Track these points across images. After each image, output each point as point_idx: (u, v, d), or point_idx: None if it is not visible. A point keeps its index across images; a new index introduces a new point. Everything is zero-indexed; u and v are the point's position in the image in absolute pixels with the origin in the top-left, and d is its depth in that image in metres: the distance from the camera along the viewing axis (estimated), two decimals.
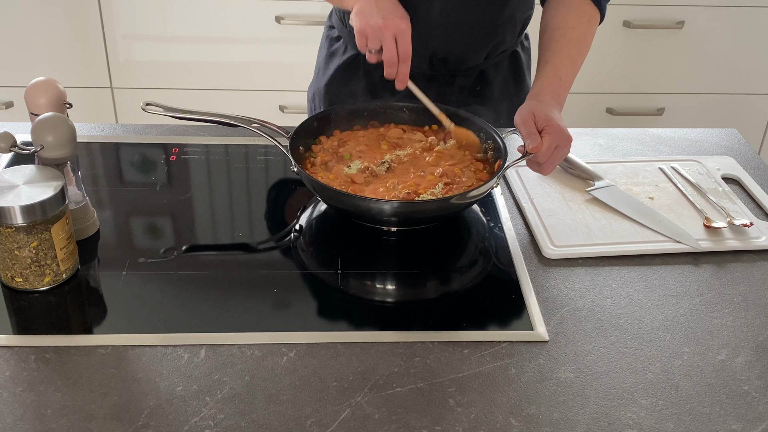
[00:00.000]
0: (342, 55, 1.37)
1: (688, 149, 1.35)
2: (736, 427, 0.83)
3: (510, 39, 1.35)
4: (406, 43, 1.11)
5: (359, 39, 1.12)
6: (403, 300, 1.03)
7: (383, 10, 1.11)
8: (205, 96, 2.44)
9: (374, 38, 1.11)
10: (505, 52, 1.36)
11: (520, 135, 1.10)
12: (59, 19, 2.31)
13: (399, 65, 1.12)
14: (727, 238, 1.11)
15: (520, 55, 1.40)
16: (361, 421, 0.82)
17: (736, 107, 2.54)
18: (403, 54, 1.12)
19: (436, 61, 1.31)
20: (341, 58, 1.37)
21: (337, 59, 1.38)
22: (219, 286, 1.00)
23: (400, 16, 1.12)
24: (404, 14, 1.12)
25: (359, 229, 1.10)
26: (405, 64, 1.12)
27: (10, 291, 0.97)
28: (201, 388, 0.85)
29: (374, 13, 1.10)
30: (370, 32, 1.10)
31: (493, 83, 1.37)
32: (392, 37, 1.10)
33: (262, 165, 1.25)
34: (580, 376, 0.89)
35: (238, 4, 2.31)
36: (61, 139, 0.97)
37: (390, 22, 1.10)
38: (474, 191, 1.04)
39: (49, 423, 0.80)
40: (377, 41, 1.11)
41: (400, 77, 1.14)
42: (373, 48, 1.12)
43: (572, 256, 1.07)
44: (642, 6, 2.36)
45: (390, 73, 1.13)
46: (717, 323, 0.97)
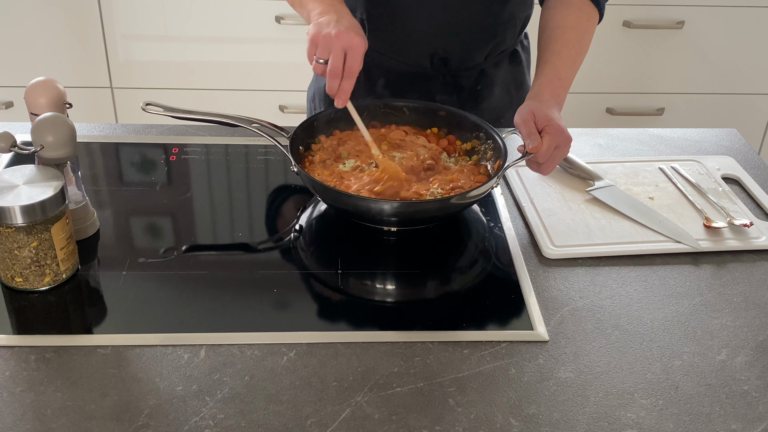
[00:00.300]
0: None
1: (688, 149, 1.35)
2: (736, 427, 0.83)
3: (510, 38, 1.35)
4: (355, 58, 1.06)
5: (309, 47, 1.08)
6: (403, 300, 1.03)
7: (340, 24, 1.07)
8: (205, 96, 2.44)
9: (324, 48, 1.06)
10: (505, 51, 1.36)
11: (520, 135, 1.10)
12: (59, 19, 2.31)
13: (342, 80, 1.07)
14: (727, 238, 1.11)
15: (520, 54, 1.40)
16: (361, 421, 0.82)
17: (736, 107, 2.54)
18: (349, 70, 1.06)
19: (437, 60, 1.31)
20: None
21: None
22: (219, 286, 1.00)
23: (357, 33, 1.07)
24: (361, 35, 1.08)
25: (359, 229, 1.10)
26: (349, 80, 1.07)
27: (10, 291, 0.97)
28: (201, 388, 0.85)
29: (331, 25, 1.07)
30: (321, 41, 1.06)
31: (494, 82, 1.37)
32: (342, 50, 1.05)
33: (262, 165, 1.25)
34: (580, 376, 0.89)
35: (238, 4, 2.31)
36: (61, 139, 0.97)
37: (343, 35, 1.05)
38: (474, 191, 1.04)
39: (49, 423, 0.80)
40: (326, 51, 1.06)
41: (340, 93, 1.08)
42: (321, 57, 1.06)
43: (572, 256, 1.07)
44: (642, 6, 2.36)
45: (332, 86, 1.07)
46: (717, 323, 0.97)
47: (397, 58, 1.32)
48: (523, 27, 1.38)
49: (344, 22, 1.08)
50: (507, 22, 1.31)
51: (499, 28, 1.30)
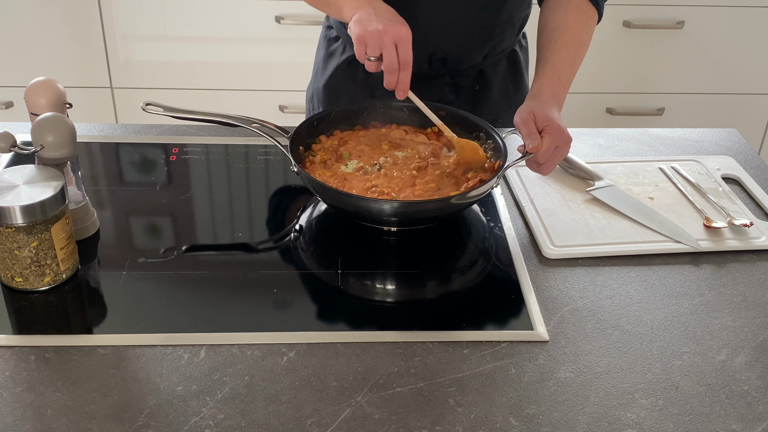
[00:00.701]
0: (340, 55, 1.37)
1: (688, 149, 1.35)
2: (736, 427, 0.83)
3: (508, 38, 1.35)
4: (407, 49, 1.07)
5: (358, 47, 1.08)
6: (403, 300, 1.03)
7: (382, 17, 1.08)
8: (205, 96, 2.44)
9: (374, 45, 1.07)
10: (504, 51, 1.36)
11: (520, 135, 1.10)
12: (59, 19, 2.31)
13: (399, 73, 1.08)
14: (727, 238, 1.11)
15: (519, 55, 1.40)
16: (361, 421, 0.82)
17: (736, 107, 2.54)
18: (404, 61, 1.07)
19: (435, 60, 1.31)
20: (339, 58, 1.37)
21: (336, 59, 1.38)
22: (219, 286, 1.00)
23: (401, 22, 1.08)
24: (404, 21, 1.09)
25: (359, 229, 1.10)
26: (405, 71, 1.08)
27: (10, 291, 0.97)
28: (201, 388, 0.85)
29: (373, 20, 1.07)
30: (370, 39, 1.06)
31: (492, 83, 1.37)
32: (392, 44, 1.06)
33: (262, 165, 1.25)
34: (580, 376, 0.89)
35: (238, 4, 2.31)
36: (61, 139, 0.97)
37: (390, 28, 1.06)
38: (474, 191, 1.04)
39: (49, 423, 0.80)
40: (377, 48, 1.07)
41: (400, 86, 1.09)
42: (372, 55, 1.07)
43: (572, 256, 1.07)
44: (642, 6, 2.36)
45: (390, 81, 1.08)
46: (717, 323, 0.97)
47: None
48: (521, 27, 1.38)
49: (384, 14, 1.08)
50: (505, 23, 1.30)
51: (497, 29, 1.30)
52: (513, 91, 1.41)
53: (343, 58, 1.36)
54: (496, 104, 1.38)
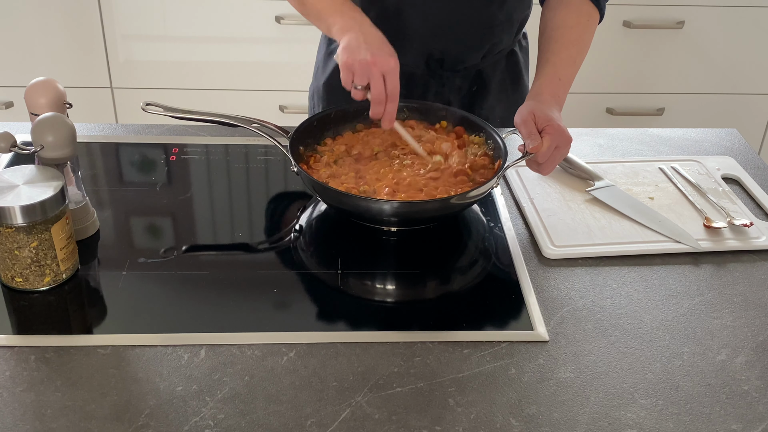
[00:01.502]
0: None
1: (688, 149, 1.35)
2: (736, 427, 0.83)
3: (507, 39, 1.35)
4: (394, 81, 1.07)
5: (345, 74, 1.08)
6: (403, 300, 1.03)
7: (372, 46, 1.07)
8: (205, 96, 2.44)
9: (361, 74, 1.06)
10: (503, 51, 1.36)
11: (520, 135, 1.10)
12: (59, 19, 2.31)
13: (387, 104, 1.07)
14: (727, 238, 1.11)
15: (518, 55, 1.40)
16: (361, 421, 0.82)
17: (736, 107, 2.54)
18: (391, 93, 1.07)
19: (433, 61, 1.31)
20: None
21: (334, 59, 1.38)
22: (219, 286, 1.00)
23: (389, 53, 1.07)
24: (393, 51, 1.08)
25: (359, 229, 1.10)
26: (392, 103, 1.07)
27: (10, 291, 0.97)
28: (201, 388, 0.85)
29: (362, 49, 1.06)
30: (358, 68, 1.06)
31: (491, 83, 1.37)
32: (380, 75, 1.05)
33: (262, 165, 1.25)
34: (580, 376, 0.89)
35: (238, 4, 2.31)
36: (61, 139, 0.97)
37: (379, 59, 1.05)
38: (474, 191, 1.04)
39: (49, 423, 0.80)
40: (365, 78, 1.06)
41: (386, 116, 1.08)
42: (359, 84, 1.07)
43: (572, 256, 1.07)
44: (642, 6, 2.36)
45: (377, 112, 1.08)
46: (717, 323, 0.97)
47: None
48: (521, 28, 1.38)
49: (373, 41, 1.08)
50: (503, 23, 1.30)
51: (495, 29, 1.30)
52: (511, 91, 1.40)
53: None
54: (494, 105, 1.38)
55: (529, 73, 1.44)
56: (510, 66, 1.39)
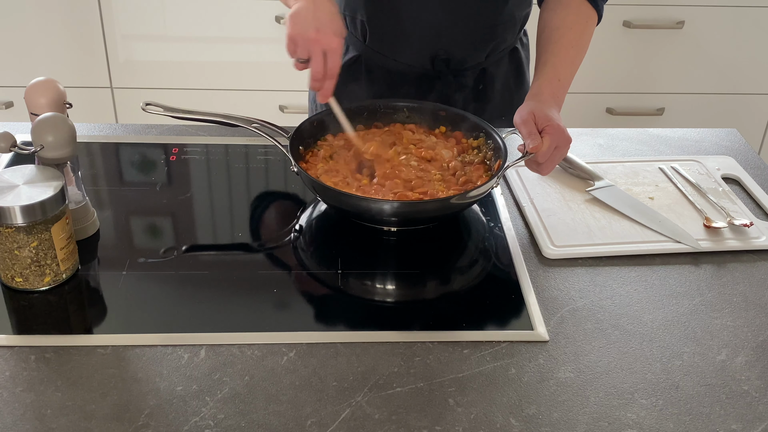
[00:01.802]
0: (344, 55, 1.37)
1: (688, 149, 1.35)
2: (736, 427, 0.83)
3: (510, 37, 1.35)
4: (335, 60, 1.07)
5: (289, 44, 1.08)
6: (403, 300, 1.03)
7: (318, 21, 1.06)
8: (205, 96, 2.44)
9: (303, 49, 1.07)
10: (506, 49, 1.37)
11: (520, 135, 1.10)
12: (59, 20, 2.31)
13: (325, 81, 1.08)
14: (727, 238, 1.11)
15: (520, 52, 1.40)
16: (361, 421, 0.82)
17: (736, 107, 2.54)
18: (330, 71, 1.08)
19: (438, 61, 1.31)
20: (343, 58, 1.37)
21: None
22: (219, 286, 1.00)
23: (334, 31, 1.07)
24: (339, 30, 1.08)
25: (359, 229, 1.10)
26: (331, 80, 1.08)
27: (10, 291, 0.97)
28: (201, 388, 0.85)
29: (309, 23, 1.06)
30: (300, 42, 1.06)
31: (495, 81, 1.37)
32: (321, 52, 1.06)
33: (262, 165, 1.25)
34: (580, 376, 0.89)
35: (238, 4, 2.31)
36: (61, 139, 0.97)
37: (322, 37, 1.05)
38: (474, 191, 1.04)
39: (49, 423, 0.80)
40: (306, 53, 1.07)
41: (323, 92, 1.10)
42: (300, 57, 1.08)
43: (572, 256, 1.07)
44: (642, 6, 2.36)
45: (314, 87, 1.09)
46: (717, 323, 0.97)
47: (399, 59, 1.32)
48: (523, 25, 1.38)
49: (322, 16, 1.07)
50: (507, 22, 1.31)
51: (498, 28, 1.30)
52: (515, 88, 1.41)
53: (346, 58, 1.36)
54: (500, 102, 1.39)
55: (530, 70, 1.44)
56: (513, 63, 1.39)
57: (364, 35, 1.33)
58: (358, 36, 1.34)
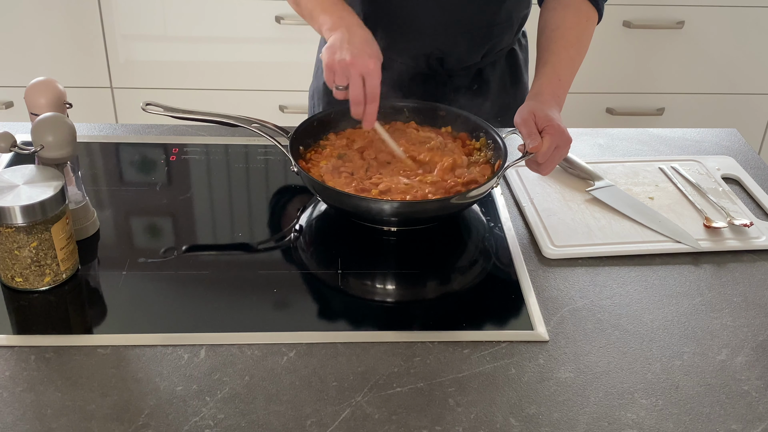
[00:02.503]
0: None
1: (688, 149, 1.35)
2: (736, 427, 0.83)
3: (507, 38, 1.35)
4: (374, 83, 1.06)
5: (327, 73, 1.08)
6: (403, 300, 1.03)
7: (354, 47, 1.06)
8: (205, 96, 2.44)
9: (341, 75, 1.06)
10: (502, 50, 1.36)
11: (521, 135, 1.10)
12: (59, 20, 2.31)
13: (366, 105, 1.07)
14: (727, 238, 1.11)
15: (517, 53, 1.40)
16: (361, 421, 0.82)
17: (736, 107, 2.54)
18: (371, 94, 1.07)
19: (433, 60, 1.31)
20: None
21: None
22: (219, 286, 1.00)
23: (370, 54, 1.07)
24: (375, 53, 1.08)
25: (359, 229, 1.10)
26: (372, 104, 1.07)
27: (10, 291, 0.97)
28: (201, 388, 0.85)
29: (344, 49, 1.06)
30: (338, 69, 1.06)
31: (491, 82, 1.37)
32: (359, 77, 1.05)
33: (262, 165, 1.25)
34: (580, 376, 0.89)
35: (238, 4, 2.31)
36: (61, 139, 0.97)
37: (358, 61, 1.05)
38: (474, 191, 1.04)
39: (49, 423, 0.80)
40: (344, 78, 1.06)
41: (366, 117, 1.09)
42: (340, 85, 1.07)
43: (572, 256, 1.07)
44: (642, 6, 2.36)
45: (356, 112, 1.08)
46: (717, 323, 0.97)
47: (394, 57, 1.32)
48: (521, 26, 1.38)
49: (356, 41, 1.07)
50: (503, 23, 1.30)
51: (495, 29, 1.30)
52: (512, 90, 1.41)
53: None
54: (495, 103, 1.38)
55: (528, 72, 1.44)
56: (510, 64, 1.39)
57: None
58: None
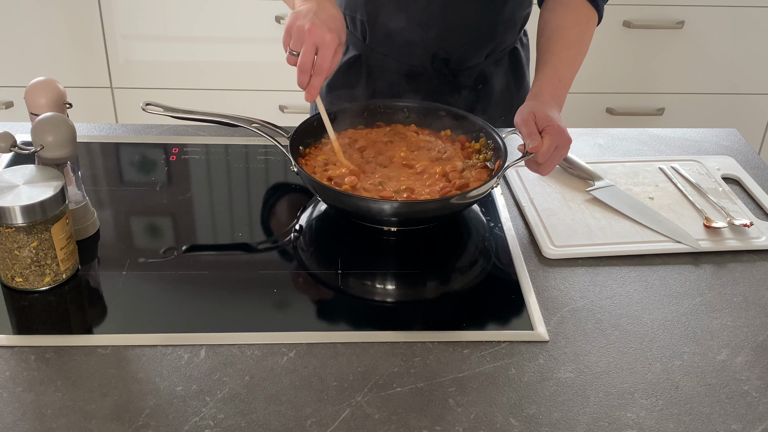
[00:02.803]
0: (344, 54, 1.37)
1: (688, 149, 1.35)
2: (736, 427, 0.83)
3: (510, 38, 1.35)
4: (325, 56, 1.04)
5: (285, 36, 1.07)
6: (403, 300, 1.03)
7: (317, 18, 1.05)
8: (205, 96, 2.44)
9: (296, 40, 1.05)
10: (505, 50, 1.37)
11: (521, 135, 1.10)
12: (59, 20, 2.31)
13: (312, 77, 1.06)
14: (727, 238, 1.11)
15: (520, 52, 1.40)
16: (361, 421, 0.82)
17: (736, 107, 2.54)
18: (319, 66, 1.05)
19: (438, 60, 1.31)
20: (343, 58, 1.37)
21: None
22: (219, 286, 1.00)
23: (330, 28, 1.05)
24: (337, 29, 1.06)
25: (359, 229, 1.10)
26: (318, 77, 1.06)
27: (10, 291, 0.97)
28: (201, 388, 0.85)
29: (307, 18, 1.05)
30: (295, 34, 1.05)
31: (494, 81, 1.37)
32: (313, 45, 1.04)
33: (262, 165, 1.25)
34: (580, 376, 0.89)
35: (238, 4, 2.31)
36: (61, 139, 0.97)
37: (316, 30, 1.03)
38: (474, 191, 1.04)
39: (49, 423, 0.80)
40: (298, 44, 1.05)
41: (309, 89, 1.07)
42: (294, 50, 1.05)
43: (572, 256, 1.07)
44: (642, 6, 2.36)
45: (301, 80, 1.06)
46: (717, 323, 0.97)
47: (398, 58, 1.32)
48: (523, 25, 1.38)
49: (322, 15, 1.06)
50: (506, 22, 1.31)
51: (498, 29, 1.30)
52: (515, 88, 1.41)
53: (347, 57, 1.36)
54: (499, 102, 1.39)
55: (530, 70, 1.44)
56: (512, 63, 1.39)
57: (364, 35, 1.33)
58: (358, 35, 1.34)
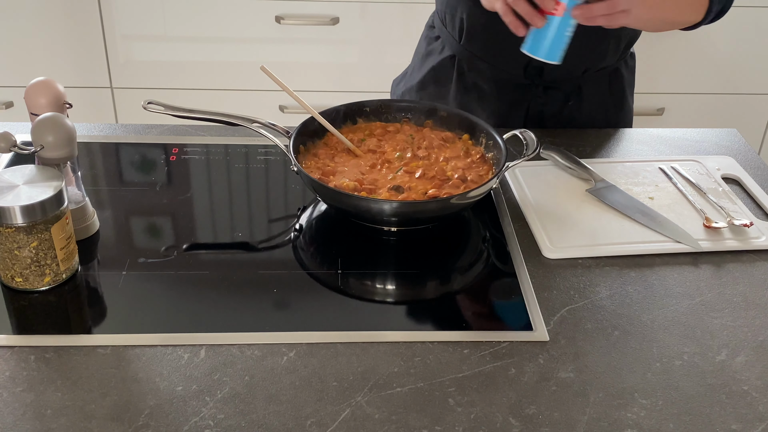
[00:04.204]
0: (438, 54, 1.38)
1: (688, 149, 1.35)
2: (736, 427, 0.83)
3: (611, 55, 1.33)
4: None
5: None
6: (403, 300, 1.03)
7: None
8: (205, 96, 2.44)
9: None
10: (606, 69, 1.35)
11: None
12: (59, 19, 2.31)
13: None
14: (727, 238, 1.11)
15: (622, 74, 1.39)
16: (361, 421, 0.82)
17: (736, 107, 2.54)
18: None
19: (531, 70, 1.31)
20: (437, 57, 1.38)
21: (433, 59, 1.39)
22: (219, 286, 1.00)
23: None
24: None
25: (359, 229, 1.10)
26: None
27: (10, 291, 0.97)
28: (201, 388, 0.85)
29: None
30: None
31: (589, 99, 1.35)
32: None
33: (262, 165, 1.25)
34: (580, 376, 0.89)
35: (238, 4, 2.31)
36: (61, 139, 0.97)
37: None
38: (474, 191, 1.04)
39: (49, 423, 0.80)
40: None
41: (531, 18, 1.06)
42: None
43: (572, 256, 1.07)
44: None
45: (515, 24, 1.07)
46: (717, 323, 0.97)
47: (493, 63, 1.32)
48: (628, 46, 1.36)
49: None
50: (610, 39, 1.28)
51: (600, 45, 1.28)
52: (613, 110, 1.39)
53: (440, 58, 1.37)
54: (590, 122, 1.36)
55: (633, 94, 1.42)
56: (613, 84, 1.38)
57: (461, 34, 1.32)
58: (455, 35, 1.34)
